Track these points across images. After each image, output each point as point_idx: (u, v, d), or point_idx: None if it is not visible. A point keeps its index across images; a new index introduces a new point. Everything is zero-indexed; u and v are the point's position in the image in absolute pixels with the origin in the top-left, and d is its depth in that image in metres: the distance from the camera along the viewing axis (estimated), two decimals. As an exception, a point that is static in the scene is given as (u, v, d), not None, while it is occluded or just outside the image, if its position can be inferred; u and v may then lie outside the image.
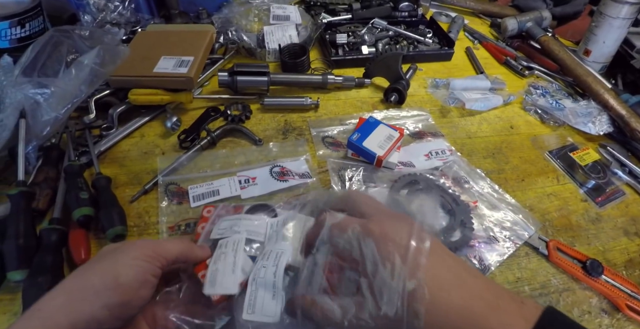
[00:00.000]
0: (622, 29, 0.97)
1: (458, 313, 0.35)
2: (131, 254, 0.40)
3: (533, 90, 0.97)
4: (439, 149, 0.78)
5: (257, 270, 0.43)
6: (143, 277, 0.39)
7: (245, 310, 0.41)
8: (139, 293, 0.38)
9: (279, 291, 0.42)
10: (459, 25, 1.19)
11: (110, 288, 0.37)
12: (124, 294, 0.37)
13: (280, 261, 0.43)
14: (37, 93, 0.64)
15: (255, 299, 0.42)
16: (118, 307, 0.37)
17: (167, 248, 0.42)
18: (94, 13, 0.91)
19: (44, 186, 0.63)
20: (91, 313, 0.35)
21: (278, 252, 0.44)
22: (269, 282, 0.42)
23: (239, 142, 0.77)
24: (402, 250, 0.37)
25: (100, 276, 0.37)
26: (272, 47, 0.96)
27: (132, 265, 0.39)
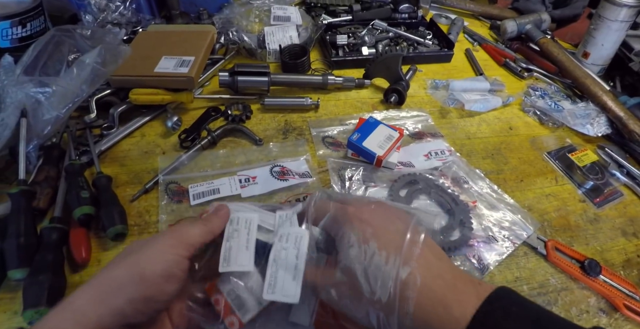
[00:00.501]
0: (620, 31, 0.97)
1: (420, 292, 0.37)
2: (157, 247, 0.40)
3: (532, 91, 0.98)
4: (439, 149, 0.79)
5: (278, 252, 0.43)
6: (168, 271, 0.39)
7: (265, 290, 0.42)
8: (163, 288, 0.38)
9: (299, 273, 0.42)
10: (459, 27, 1.20)
11: (135, 283, 0.37)
12: (148, 288, 0.37)
13: (302, 245, 0.44)
14: (39, 93, 0.64)
15: (275, 280, 0.42)
16: (142, 301, 0.37)
17: (189, 233, 0.42)
18: (95, 13, 0.91)
19: (45, 185, 0.63)
20: (116, 306, 0.36)
21: (297, 235, 0.45)
22: (290, 264, 0.43)
23: (239, 142, 0.78)
24: (399, 242, 0.39)
25: (126, 271, 0.38)
26: (272, 48, 0.96)
27: (158, 259, 0.39)
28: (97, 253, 0.58)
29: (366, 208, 0.43)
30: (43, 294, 0.50)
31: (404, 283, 0.37)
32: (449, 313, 0.36)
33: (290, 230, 0.46)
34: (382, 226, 0.41)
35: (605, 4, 0.95)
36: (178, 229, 0.43)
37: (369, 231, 0.40)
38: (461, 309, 0.35)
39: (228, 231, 0.46)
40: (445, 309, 0.36)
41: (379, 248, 0.39)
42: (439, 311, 0.36)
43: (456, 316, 0.35)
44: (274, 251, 0.44)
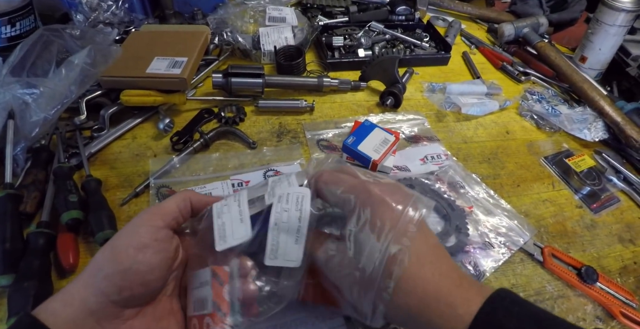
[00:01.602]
0: (618, 36, 0.97)
1: (426, 287, 0.37)
2: (131, 223, 0.41)
3: (529, 95, 0.97)
4: (435, 153, 0.78)
5: (279, 214, 0.40)
6: (139, 243, 0.39)
7: (267, 256, 0.40)
8: (137, 259, 0.38)
9: (302, 236, 0.40)
10: (456, 29, 1.19)
11: (108, 259, 0.38)
12: (121, 262, 0.38)
13: (304, 206, 0.40)
14: (26, 94, 0.62)
15: (277, 245, 0.40)
16: (118, 276, 0.37)
17: (165, 205, 0.43)
18: (87, 12, 0.89)
19: (32, 189, 0.62)
20: (96, 286, 0.37)
21: (299, 196, 0.41)
22: (292, 227, 0.40)
23: (232, 145, 0.76)
24: (396, 214, 0.39)
25: (102, 250, 0.39)
26: (267, 49, 0.95)
27: (129, 234, 0.40)
28: (86, 258, 0.57)
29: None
30: (28, 301, 0.48)
31: (392, 257, 0.37)
32: (454, 310, 0.36)
33: (289, 189, 0.42)
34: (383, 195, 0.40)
35: (603, 8, 0.95)
36: (154, 205, 0.45)
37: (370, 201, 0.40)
38: (465, 307, 0.35)
39: (217, 209, 0.43)
40: (450, 307, 0.36)
41: (373, 216, 0.38)
42: (442, 308, 0.36)
43: (460, 313, 0.35)
44: (274, 213, 0.40)
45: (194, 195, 0.45)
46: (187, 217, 0.45)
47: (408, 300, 0.37)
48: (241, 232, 0.41)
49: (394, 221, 0.38)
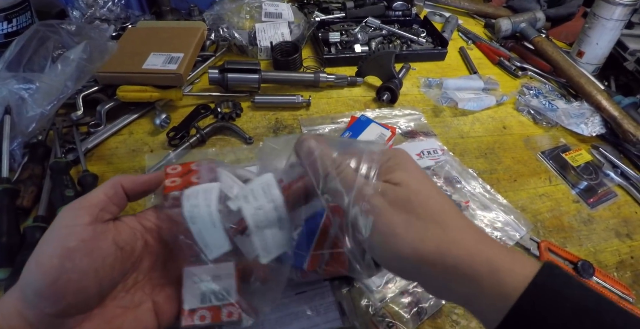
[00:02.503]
0: (615, 30, 0.97)
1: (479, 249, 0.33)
2: (50, 227, 0.37)
3: (526, 90, 0.97)
4: (431, 148, 0.78)
5: (254, 216, 0.39)
6: (61, 248, 0.35)
7: (261, 256, 0.40)
8: (64, 267, 0.34)
9: (284, 222, 0.40)
10: (453, 25, 1.19)
11: (33, 273, 0.34)
12: (45, 274, 0.34)
13: (274, 195, 0.39)
14: (22, 89, 0.63)
15: (266, 242, 0.40)
16: (46, 289, 0.34)
17: (88, 195, 0.39)
18: (83, 9, 0.89)
19: (29, 184, 0.62)
20: (27, 300, 0.34)
21: (263, 186, 0.40)
22: (272, 219, 0.39)
23: (229, 140, 0.76)
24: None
25: (27, 263, 0.35)
26: (263, 45, 0.95)
27: (49, 239, 0.36)
28: (81, 253, 0.57)
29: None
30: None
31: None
32: (503, 280, 0.32)
33: (253, 184, 0.40)
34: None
35: (600, 2, 0.95)
36: (80, 198, 0.40)
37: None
38: (518, 275, 0.32)
39: (187, 209, 0.40)
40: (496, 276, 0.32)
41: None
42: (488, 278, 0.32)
43: (508, 289, 0.31)
44: (249, 216, 0.39)
45: (125, 179, 0.41)
46: (122, 204, 0.41)
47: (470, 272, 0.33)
48: (220, 241, 0.40)
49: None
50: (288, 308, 0.52)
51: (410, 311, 0.54)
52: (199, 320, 0.40)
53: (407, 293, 0.55)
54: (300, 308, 0.52)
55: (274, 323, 0.50)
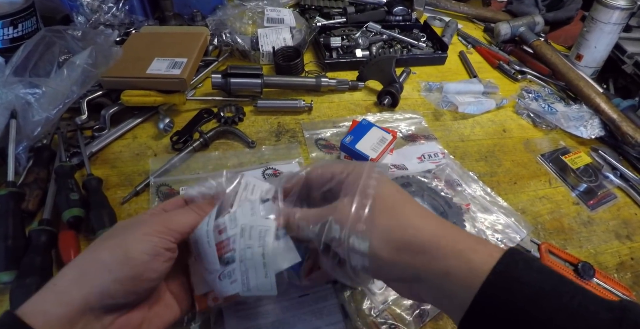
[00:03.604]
0: (613, 34, 0.98)
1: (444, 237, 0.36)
2: (142, 230, 0.40)
3: (526, 94, 0.98)
4: (432, 152, 0.78)
5: (243, 251, 0.41)
6: (153, 251, 0.39)
7: (240, 288, 0.41)
8: (150, 266, 0.38)
9: (270, 270, 0.41)
10: (453, 29, 1.20)
11: (120, 262, 0.37)
12: (134, 268, 0.37)
13: (267, 242, 0.41)
14: (28, 94, 0.63)
15: (247, 280, 0.41)
16: (129, 280, 0.37)
17: (179, 222, 0.42)
18: (88, 14, 0.90)
19: (34, 187, 0.62)
20: (102, 286, 0.36)
21: (261, 230, 0.41)
22: (258, 263, 0.41)
23: (231, 144, 0.77)
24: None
25: (110, 251, 0.38)
26: (266, 50, 0.96)
27: (142, 240, 0.39)
28: (86, 256, 0.57)
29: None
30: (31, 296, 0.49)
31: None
32: (469, 261, 0.34)
33: (252, 220, 0.42)
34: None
35: (598, 6, 0.95)
36: (167, 216, 0.43)
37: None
38: (479, 257, 0.34)
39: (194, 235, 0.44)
40: (462, 257, 0.35)
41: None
42: (448, 254, 0.35)
43: (474, 260, 0.34)
44: (238, 250, 0.41)
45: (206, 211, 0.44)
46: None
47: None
48: (212, 259, 0.42)
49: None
50: (291, 311, 0.52)
51: (412, 313, 0.54)
52: (212, 301, 0.44)
53: (409, 294, 0.56)
54: (303, 310, 0.52)
55: (277, 325, 0.51)
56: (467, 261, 0.34)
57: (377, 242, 0.37)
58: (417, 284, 0.37)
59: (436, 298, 0.37)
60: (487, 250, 0.35)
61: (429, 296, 0.38)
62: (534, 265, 0.34)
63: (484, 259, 0.34)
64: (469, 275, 0.33)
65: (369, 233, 0.37)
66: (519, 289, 0.32)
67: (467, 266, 0.34)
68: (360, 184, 0.40)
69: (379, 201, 0.39)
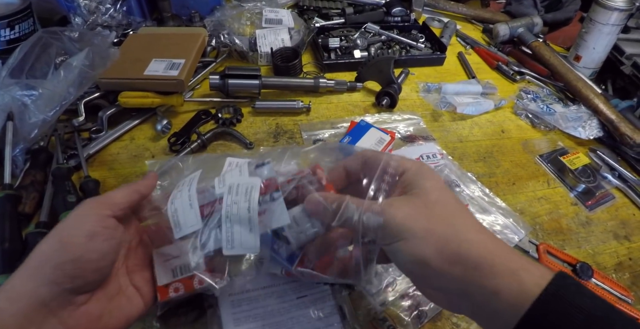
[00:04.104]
0: (611, 35, 0.98)
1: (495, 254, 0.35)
2: (76, 212, 0.41)
3: (524, 94, 0.98)
4: (430, 153, 0.78)
5: (229, 207, 0.43)
6: (88, 230, 0.39)
7: (224, 246, 0.42)
8: (88, 247, 0.38)
9: (255, 226, 0.42)
10: (451, 30, 1.20)
11: (56, 249, 0.38)
12: (71, 251, 0.37)
13: (252, 197, 0.43)
14: (25, 95, 0.63)
15: (232, 235, 0.43)
16: (69, 264, 0.37)
17: (111, 195, 0.43)
18: (85, 15, 0.90)
19: (31, 190, 0.62)
20: (45, 277, 0.36)
21: (248, 187, 0.43)
22: (243, 218, 0.42)
23: (229, 146, 0.77)
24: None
25: (47, 241, 0.38)
26: (264, 51, 0.96)
27: (75, 223, 0.40)
28: (84, 258, 0.57)
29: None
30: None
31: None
32: (520, 281, 0.33)
33: (239, 179, 0.44)
34: None
35: (597, 7, 0.95)
36: (102, 195, 0.44)
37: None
38: (534, 279, 0.33)
39: (173, 194, 0.46)
40: (515, 277, 0.34)
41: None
42: (507, 277, 0.34)
43: (525, 281, 0.33)
44: (225, 206, 0.43)
45: (144, 186, 0.46)
46: (135, 209, 0.46)
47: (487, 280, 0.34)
48: (192, 220, 0.44)
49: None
50: (289, 312, 0.52)
51: (410, 314, 0.54)
52: (174, 292, 0.44)
53: (407, 296, 0.56)
54: (301, 311, 0.52)
55: (275, 326, 0.50)
56: (519, 282, 0.33)
57: (430, 250, 0.36)
58: (460, 299, 0.37)
59: (478, 314, 0.37)
60: (539, 271, 0.34)
61: (469, 311, 0.37)
62: (585, 291, 0.33)
63: (536, 280, 0.33)
64: (519, 295, 0.33)
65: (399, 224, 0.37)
66: (570, 313, 0.31)
67: (518, 287, 0.33)
68: (379, 169, 0.41)
69: (438, 207, 0.38)
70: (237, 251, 0.42)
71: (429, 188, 0.39)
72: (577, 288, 0.33)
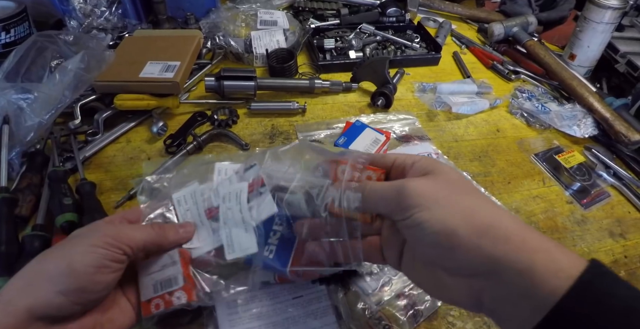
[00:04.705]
0: (605, 33, 0.98)
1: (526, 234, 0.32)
2: (90, 241, 0.39)
3: (519, 93, 0.98)
4: (426, 152, 0.79)
5: (224, 214, 0.47)
6: (98, 263, 0.38)
7: (226, 252, 0.45)
8: (94, 278, 0.38)
9: (249, 224, 0.46)
10: (447, 30, 1.20)
11: (64, 275, 0.37)
12: (78, 280, 0.37)
13: (242, 199, 0.47)
14: (20, 99, 0.63)
15: (232, 240, 0.46)
16: (73, 293, 0.37)
17: (131, 235, 0.41)
18: (80, 18, 0.90)
19: (28, 193, 0.62)
20: (46, 298, 0.36)
21: (237, 192, 0.47)
22: (238, 220, 0.46)
23: (225, 147, 0.77)
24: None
25: (55, 263, 0.38)
26: (259, 52, 0.96)
27: (88, 252, 0.38)
28: (80, 260, 0.57)
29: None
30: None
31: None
32: (555, 259, 0.30)
33: (230, 188, 0.48)
34: None
35: (591, 6, 0.96)
36: (121, 228, 0.43)
37: None
38: (570, 261, 0.30)
39: (181, 213, 0.49)
40: (549, 254, 0.31)
41: None
42: (542, 253, 0.31)
43: (563, 267, 0.30)
44: (221, 213, 0.47)
45: (168, 239, 0.45)
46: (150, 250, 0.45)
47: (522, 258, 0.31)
48: (203, 235, 0.47)
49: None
50: (285, 312, 0.52)
51: (406, 314, 0.54)
52: (155, 309, 0.44)
53: (403, 295, 0.56)
54: (297, 312, 0.52)
55: (270, 327, 0.51)
56: (555, 260, 0.30)
57: (457, 219, 0.33)
58: (486, 280, 0.33)
59: (502, 298, 0.32)
60: (572, 253, 0.31)
61: (492, 295, 0.33)
62: (621, 281, 0.30)
63: (572, 262, 0.30)
64: (556, 275, 0.29)
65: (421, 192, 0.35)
66: (609, 302, 0.29)
67: (554, 265, 0.30)
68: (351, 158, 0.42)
69: (460, 184, 0.37)
70: (238, 254, 0.45)
71: (447, 170, 0.38)
72: (613, 277, 0.30)
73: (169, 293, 0.44)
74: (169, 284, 0.44)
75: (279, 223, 0.48)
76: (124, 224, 0.45)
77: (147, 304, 0.44)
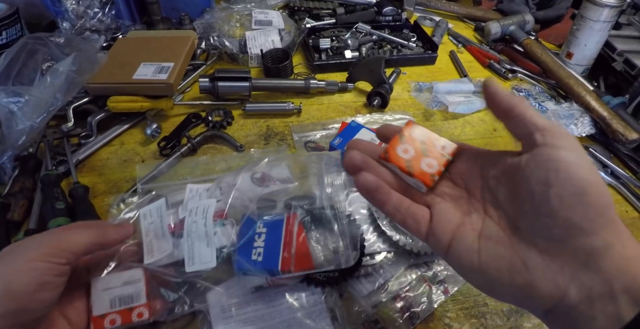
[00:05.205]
0: (602, 31, 0.97)
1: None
2: (26, 255, 0.37)
3: (516, 92, 0.98)
4: (422, 153, 0.78)
5: (189, 226, 0.49)
6: (39, 280, 0.36)
7: (186, 264, 0.47)
8: (35, 297, 0.36)
9: (211, 239, 0.48)
10: (443, 29, 1.19)
11: (1, 297, 0.35)
12: (17, 301, 0.35)
13: (208, 213, 0.50)
14: (11, 102, 0.63)
15: (193, 252, 0.48)
16: (12, 315, 0.35)
17: (70, 239, 0.39)
18: (73, 20, 0.89)
19: (20, 197, 0.62)
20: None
21: (205, 207, 0.51)
22: (201, 234, 0.48)
23: (220, 149, 0.77)
24: None
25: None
26: (254, 52, 0.95)
27: (26, 270, 0.36)
28: (73, 265, 0.57)
29: None
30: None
31: None
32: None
33: (198, 203, 0.51)
34: None
35: (587, 4, 0.95)
36: (58, 235, 0.40)
37: None
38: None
39: (145, 226, 0.50)
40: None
41: None
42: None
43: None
44: (186, 226, 0.49)
45: (113, 240, 0.44)
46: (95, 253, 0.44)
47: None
48: (164, 246, 0.49)
49: None
50: (281, 316, 0.52)
51: (402, 316, 0.54)
52: (109, 324, 0.44)
53: (399, 297, 0.56)
54: (292, 315, 0.52)
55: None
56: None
57: (594, 174, 0.29)
58: (586, 264, 0.28)
59: (598, 290, 0.28)
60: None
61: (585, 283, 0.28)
62: None
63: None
64: None
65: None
66: None
67: None
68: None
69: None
70: (196, 267, 0.47)
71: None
72: None
73: (129, 309, 0.44)
74: (129, 300, 0.45)
75: (261, 225, 0.51)
76: (63, 230, 0.42)
77: (100, 320, 0.43)
